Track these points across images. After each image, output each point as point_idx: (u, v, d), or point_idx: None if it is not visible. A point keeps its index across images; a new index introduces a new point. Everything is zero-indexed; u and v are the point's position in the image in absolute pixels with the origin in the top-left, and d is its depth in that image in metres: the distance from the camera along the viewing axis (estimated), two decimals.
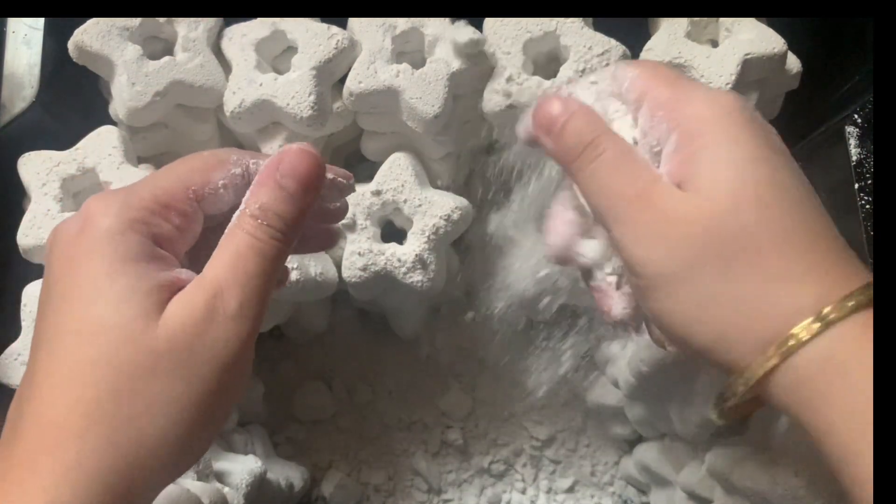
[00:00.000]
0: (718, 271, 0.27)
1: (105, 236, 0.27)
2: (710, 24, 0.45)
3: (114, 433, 0.26)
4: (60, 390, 0.26)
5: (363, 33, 0.45)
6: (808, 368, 0.26)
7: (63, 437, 0.26)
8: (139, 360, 0.26)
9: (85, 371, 0.26)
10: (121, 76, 0.44)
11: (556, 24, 0.44)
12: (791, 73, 0.45)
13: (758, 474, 0.41)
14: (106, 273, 0.27)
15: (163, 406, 0.26)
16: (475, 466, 0.58)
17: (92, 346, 0.26)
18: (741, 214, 0.27)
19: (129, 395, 0.26)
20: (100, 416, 0.26)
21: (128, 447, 0.26)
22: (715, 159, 0.28)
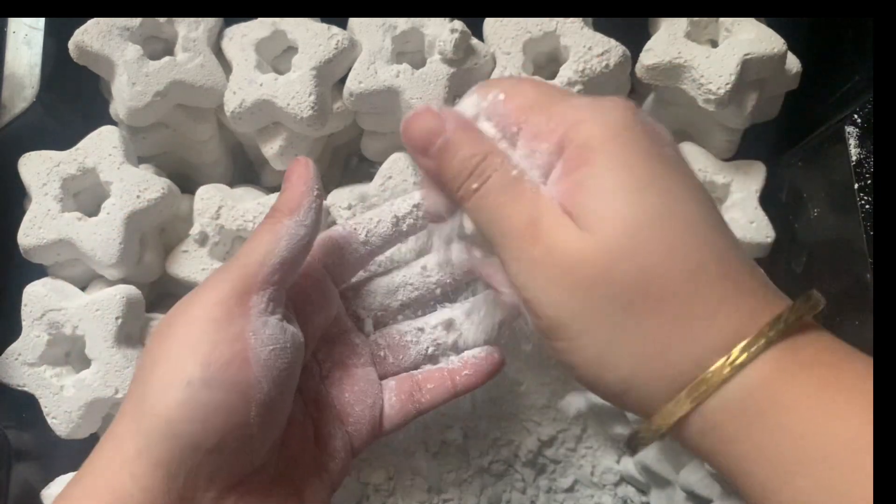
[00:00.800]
0: (618, 318, 0.25)
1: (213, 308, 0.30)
2: (710, 24, 0.45)
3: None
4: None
5: (363, 33, 0.45)
6: (721, 413, 0.25)
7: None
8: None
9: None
10: (121, 76, 0.44)
11: (556, 25, 0.44)
12: (791, 73, 0.45)
13: None
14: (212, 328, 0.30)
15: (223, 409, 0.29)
16: (475, 466, 0.58)
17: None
18: (636, 257, 0.25)
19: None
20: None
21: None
22: (602, 192, 0.26)
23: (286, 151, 0.47)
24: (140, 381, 0.29)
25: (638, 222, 0.25)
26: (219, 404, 0.27)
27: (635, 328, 0.25)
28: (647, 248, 0.25)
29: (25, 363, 0.43)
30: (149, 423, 0.27)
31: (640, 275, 0.25)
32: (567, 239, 0.26)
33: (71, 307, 0.43)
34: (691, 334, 0.25)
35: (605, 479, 0.58)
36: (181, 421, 0.27)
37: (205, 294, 0.29)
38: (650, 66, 0.44)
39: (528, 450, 0.57)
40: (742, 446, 0.25)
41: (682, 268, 0.25)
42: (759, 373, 0.24)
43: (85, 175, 0.45)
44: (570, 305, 0.26)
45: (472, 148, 0.28)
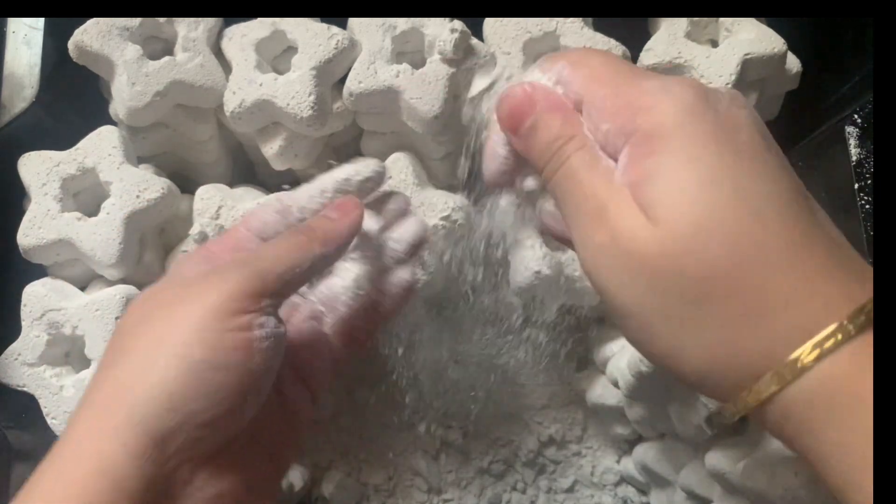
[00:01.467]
0: (687, 312, 0.25)
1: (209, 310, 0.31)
2: (710, 24, 0.45)
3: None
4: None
5: (363, 33, 0.45)
6: (804, 398, 0.25)
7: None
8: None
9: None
10: (121, 76, 0.44)
11: (556, 25, 0.44)
12: (791, 73, 0.45)
13: (757, 474, 0.41)
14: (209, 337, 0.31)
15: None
16: (475, 466, 0.58)
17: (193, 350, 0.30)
18: (702, 252, 0.25)
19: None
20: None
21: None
22: (669, 185, 0.25)
23: (286, 151, 0.47)
24: (132, 354, 0.30)
25: (704, 218, 0.25)
26: (220, 384, 0.29)
27: (705, 322, 0.25)
28: (714, 244, 0.25)
29: (25, 363, 0.43)
30: (145, 395, 0.28)
31: (707, 270, 0.25)
32: (634, 227, 0.26)
33: (71, 307, 0.43)
34: (763, 327, 0.25)
35: (605, 479, 0.58)
36: (183, 397, 0.29)
37: (221, 286, 0.30)
38: (650, 65, 0.44)
39: (528, 450, 0.57)
40: (821, 438, 0.25)
41: (750, 262, 0.24)
42: (835, 367, 0.24)
43: (85, 175, 0.45)
44: (636, 294, 0.26)
45: (559, 130, 0.28)
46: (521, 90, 0.29)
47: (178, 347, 0.29)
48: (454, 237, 0.48)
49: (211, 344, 0.29)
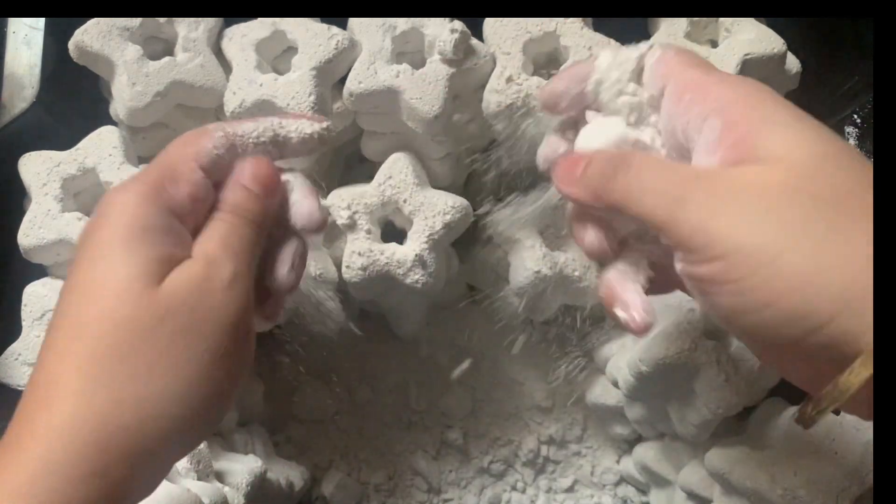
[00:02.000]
0: (821, 231, 0.24)
1: (120, 207, 0.29)
2: (710, 24, 0.45)
3: (114, 391, 0.26)
4: (61, 347, 0.27)
5: (363, 33, 0.45)
6: None
7: (60, 394, 0.26)
8: (141, 318, 0.27)
9: (85, 328, 0.27)
10: (121, 76, 0.44)
11: (556, 25, 0.44)
12: (790, 74, 0.45)
13: (757, 474, 0.41)
14: (118, 238, 0.28)
15: (165, 366, 0.27)
16: (475, 466, 0.58)
17: (93, 304, 0.27)
18: (830, 176, 0.25)
19: (131, 353, 0.26)
20: (98, 372, 0.26)
21: (129, 405, 0.26)
22: (782, 128, 0.26)
23: None
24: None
25: (826, 148, 0.26)
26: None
27: (842, 240, 0.24)
28: (839, 168, 0.25)
29: (25, 363, 0.43)
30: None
31: (837, 189, 0.25)
32: (748, 173, 0.26)
33: None
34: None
35: (605, 479, 0.58)
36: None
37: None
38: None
39: (528, 450, 0.57)
40: None
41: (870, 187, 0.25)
42: None
43: (85, 175, 0.45)
44: (763, 229, 0.25)
45: (611, 156, 0.29)
46: (567, 154, 0.32)
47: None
48: (453, 237, 0.48)
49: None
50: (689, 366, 0.43)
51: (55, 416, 0.26)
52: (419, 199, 0.45)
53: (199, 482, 0.41)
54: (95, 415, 0.26)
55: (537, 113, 0.36)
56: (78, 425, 0.25)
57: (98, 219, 0.29)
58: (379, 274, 0.46)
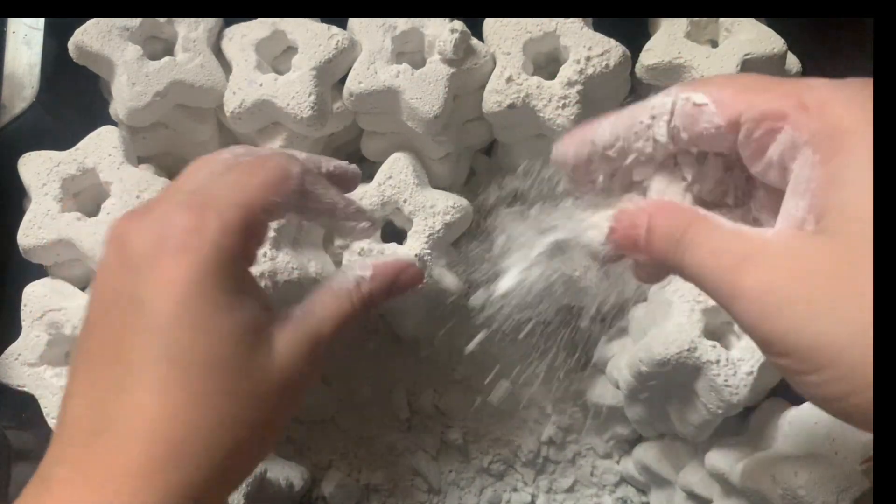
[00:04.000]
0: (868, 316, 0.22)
1: (213, 265, 0.27)
2: (710, 24, 0.45)
3: (219, 459, 0.27)
4: (177, 412, 0.26)
5: (363, 33, 0.45)
6: None
7: (176, 456, 0.26)
8: (259, 393, 0.28)
9: (203, 401, 0.27)
10: (121, 76, 0.44)
11: (556, 25, 0.44)
12: (790, 74, 0.45)
13: (757, 474, 0.41)
14: (218, 307, 0.27)
15: (266, 433, 0.29)
16: (475, 466, 0.58)
17: (211, 379, 0.27)
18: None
19: (245, 424, 0.28)
20: (216, 441, 0.27)
21: (224, 470, 0.27)
22: (859, 187, 0.23)
23: None
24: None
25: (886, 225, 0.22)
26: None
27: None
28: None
29: (25, 363, 0.43)
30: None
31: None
32: (813, 246, 0.23)
33: (71, 307, 0.43)
34: None
35: (605, 479, 0.58)
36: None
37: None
38: (650, 66, 0.44)
39: (528, 450, 0.57)
40: None
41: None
42: None
43: (85, 175, 0.45)
44: (826, 325, 0.22)
45: (677, 220, 0.26)
46: (621, 214, 0.28)
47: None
48: (453, 236, 0.48)
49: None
50: (690, 366, 0.43)
51: (172, 477, 0.26)
52: (419, 199, 0.45)
53: None
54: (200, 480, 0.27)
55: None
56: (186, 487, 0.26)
57: (183, 266, 0.27)
58: None
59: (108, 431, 0.26)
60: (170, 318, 0.27)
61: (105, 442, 0.26)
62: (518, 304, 0.39)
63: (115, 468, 0.26)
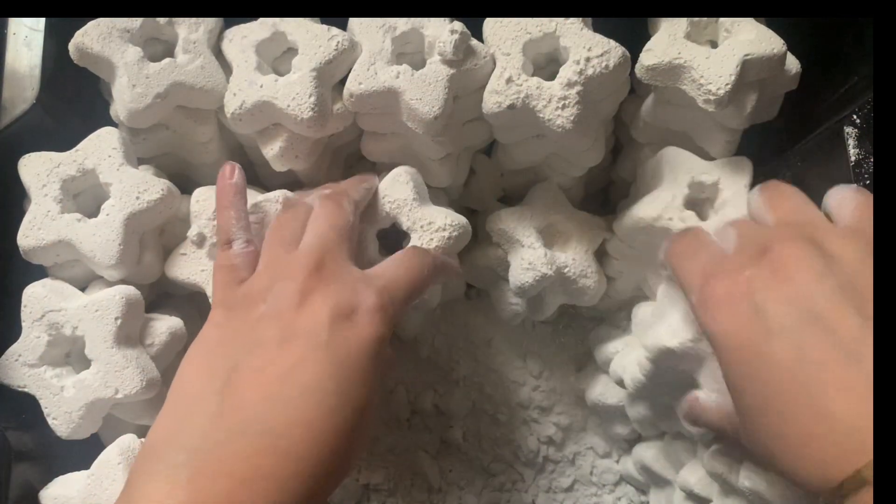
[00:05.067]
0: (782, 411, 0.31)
1: (380, 344, 0.37)
2: (710, 24, 0.45)
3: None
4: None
5: (363, 34, 0.45)
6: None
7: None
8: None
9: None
10: (121, 78, 0.44)
11: (556, 25, 0.44)
12: (790, 74, 0.45)
13: (757, 474, 0.41)
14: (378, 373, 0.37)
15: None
16: (475, 466, 0.58)
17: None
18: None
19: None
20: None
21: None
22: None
23: (286, 152, 0.47)
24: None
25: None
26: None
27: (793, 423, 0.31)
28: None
29: (26, 364, 0.43)
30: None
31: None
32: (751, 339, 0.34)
33: (70, 308, 0.43)
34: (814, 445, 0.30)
35: (605, 479, 0.58)
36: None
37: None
38: (650, 66, 0.44)
39: (528, 450, 0.57)
40: None
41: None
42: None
43: (85, 176, 0.45)
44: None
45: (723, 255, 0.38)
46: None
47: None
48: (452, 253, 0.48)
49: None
50: (694, 356, 0.43)
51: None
52: (418, 217, 0.45)
53: None
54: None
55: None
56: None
57: (374, 343, 0.36)
58: None
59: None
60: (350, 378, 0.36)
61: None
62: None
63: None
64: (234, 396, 0.33)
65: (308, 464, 0.31)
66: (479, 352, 0.58)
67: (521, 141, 0.48)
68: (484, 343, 0.58)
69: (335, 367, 0.34)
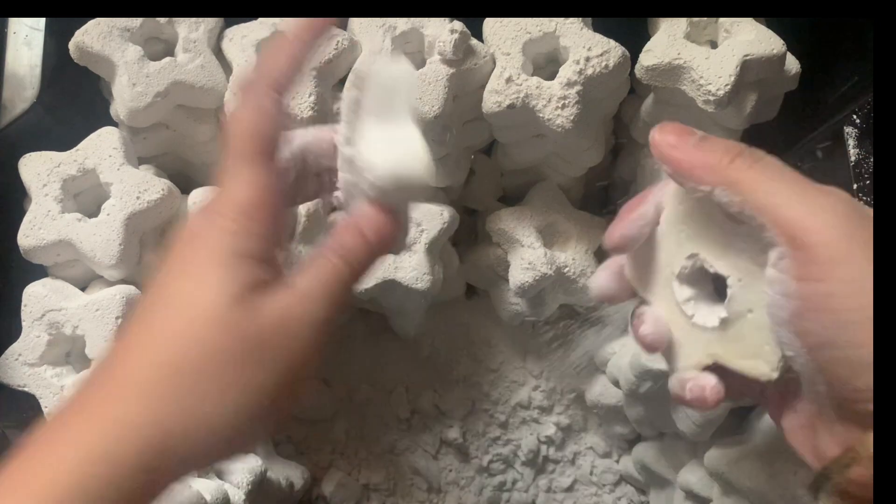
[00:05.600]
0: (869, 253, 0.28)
1: (222, 232, 0.29)
2: (710, 24, 0.45)
3: (178, 401, 0.27)
4: (139, 351, 0.28)
5: (363, 34, 0.45)
6: None
7: (129, 392, 0.27)
8: (229, 346, 0.28)
9: (168, 340, 0.28)
10: (122, 77, 0.44)
11: (556, 25, 0.44)
12: (790, 74, 0.45)
13: (756, 473, 0.41)
14: (214, 261, 0.29)
15: (235, 390, 0.28)
16: (475, 466, 0.58)
17: (179, 319, 0.28)
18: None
19: (206, 371, 0.27)
20: (169, 382, 0.27)
21: (189, 418, 0.27)
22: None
23: None
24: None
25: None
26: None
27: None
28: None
29: (26, 363, 0.43)
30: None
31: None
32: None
33: (71, 307, 0.43)
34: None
35: (605, 479, 0.58)
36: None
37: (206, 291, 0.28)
38: (650, 66, 0.44)
39: (528, 450, 0.57)
40: None
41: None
42: None
43: (85, 176, 0.45)
44: (866, 255, 0.27)
45: (734, 144, 0.29)
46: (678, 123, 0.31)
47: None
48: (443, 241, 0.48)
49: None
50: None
51: (120, 410, 0.27)
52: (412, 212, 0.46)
53: (200, 479, 0.41)
54: (155, 417, 0.27)
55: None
56: (139, 423, 0.26)
57: (194, 239, 0.29)
58: (378, 278, 0.46)
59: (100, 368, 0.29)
60: (170, 270, 0.30)
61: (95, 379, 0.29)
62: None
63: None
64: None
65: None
66: (479, 352, 0.58)
67: (521, 141, 0.48)
68: (484, 343, 0.58)
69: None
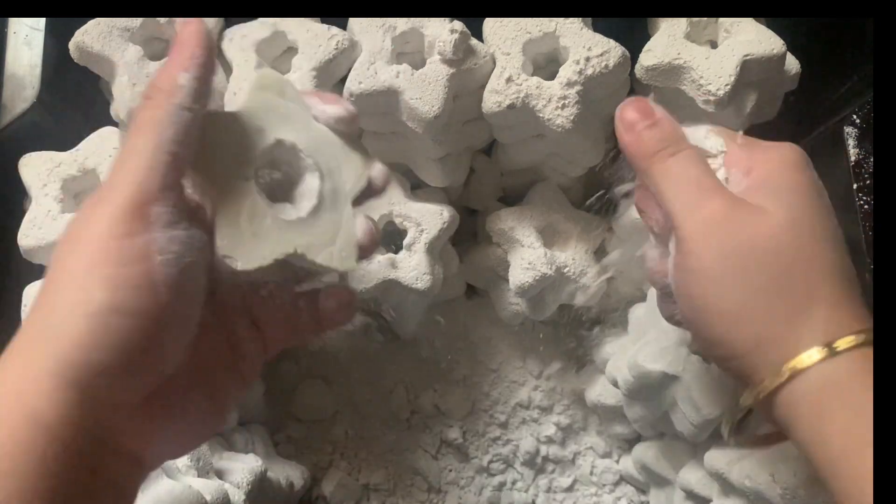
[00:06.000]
0: (758, 281, 0.31)
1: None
2: (710, 24, 0.45)
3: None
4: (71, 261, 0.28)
5: (363, 34, 0.45)
6: (811, 387, 0.30)
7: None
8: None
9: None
10: (122, 77, 0.44)
11: (556, 25, 0.44)
12: (790, 74, 0.45)
13: (756, 473, 0.41)
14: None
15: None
16: (475, 466, 0.58)
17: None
18: (798, 235, 0.31)
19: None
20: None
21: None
22: (778, 194, 0.32)
23: None
24: (45, 305, 0.28)
25: (803, 216, 0.32)
26: (129, 330, 0.27)
27: (772, 294, 0.31)
28: (805, 233, 0.31)
29: None
30: (57, 347, 0.27)
31: (796, 252, 0.31)
32: (745, 210, 0.32)
33: None
34: (815, 315, 0.30)
35: (605, 479, 0.58)
36: (91, 348, 0.26)
37: (102, 209, 0.28)
38: (650, 66, 0.44)
39: (527, 449, 0.57)
40: (824, 416, 0.29)
41: (825, 261, 0.31)
42: (849, 361, 0.30)
43: (85, 176, 0.45)
44: (730, 259, 0.31)
45: (675, 133, 0.34)
46: (645, 101, 0.35)
47: (81, 293, 0.27)
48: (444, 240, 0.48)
49: (110, 284, 0.27)
50: (671, 376, 0.44)
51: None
52: (408, 211, 0.47)
53: (200, 479, 0.41)
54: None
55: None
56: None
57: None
58: (378, 279, 0.46)
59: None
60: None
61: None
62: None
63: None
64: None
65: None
66: (479, 352, 0.58)
67: (521, 141, 0.48)
68: (484, 343, 0.58)
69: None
